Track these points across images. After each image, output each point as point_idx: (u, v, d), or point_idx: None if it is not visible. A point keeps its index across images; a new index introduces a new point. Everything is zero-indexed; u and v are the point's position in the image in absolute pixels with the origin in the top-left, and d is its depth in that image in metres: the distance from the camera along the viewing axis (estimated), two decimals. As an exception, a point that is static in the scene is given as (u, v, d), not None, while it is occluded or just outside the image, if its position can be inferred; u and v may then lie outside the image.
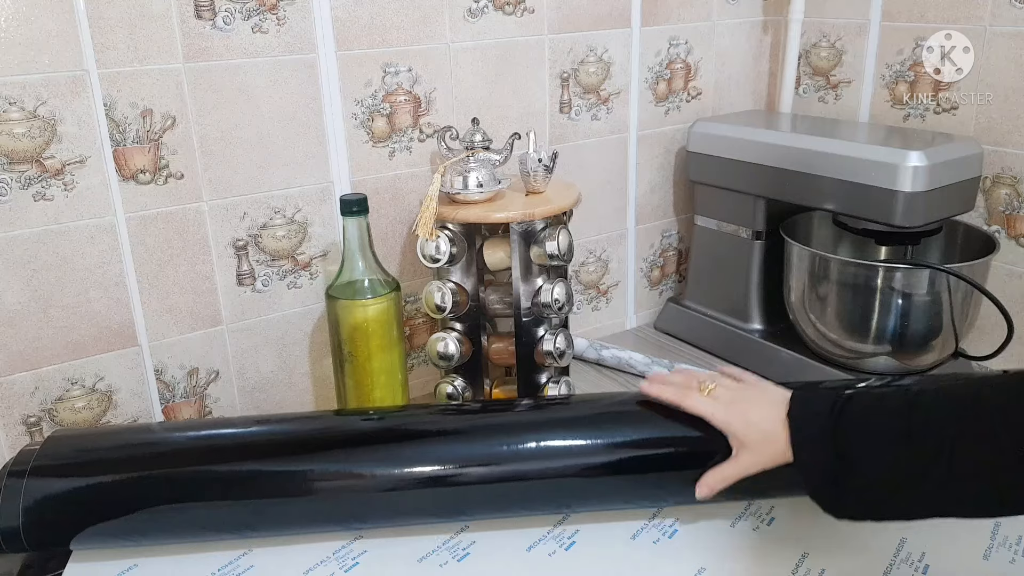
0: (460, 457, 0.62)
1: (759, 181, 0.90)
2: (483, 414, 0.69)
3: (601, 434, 0.63)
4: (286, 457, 0.62)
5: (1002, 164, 0.85)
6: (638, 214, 1.03)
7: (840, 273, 0.83)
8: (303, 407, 0.85)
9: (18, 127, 0.65)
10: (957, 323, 0.82)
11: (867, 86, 0.97)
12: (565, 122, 0.93)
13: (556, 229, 0.74)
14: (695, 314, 1.02)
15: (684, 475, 0.60)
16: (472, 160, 0.77)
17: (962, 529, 0.62)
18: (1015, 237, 0.86)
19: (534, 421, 0.66)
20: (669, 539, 0.64)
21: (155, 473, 0.60)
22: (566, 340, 0.78)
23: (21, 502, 0.58)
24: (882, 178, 0.77)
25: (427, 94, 0.83)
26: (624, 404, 0.66)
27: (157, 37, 0.68)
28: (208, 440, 0.64)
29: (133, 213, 0.71)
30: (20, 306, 0.69)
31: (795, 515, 0.65)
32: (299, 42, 0.75)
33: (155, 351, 0.76)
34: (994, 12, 0.83)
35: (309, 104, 0.77)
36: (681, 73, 1.00)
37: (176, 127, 0.71)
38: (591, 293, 1.03)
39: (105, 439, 0.65)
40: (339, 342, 0.75)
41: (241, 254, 0.77)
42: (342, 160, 0.80)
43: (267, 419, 0.68)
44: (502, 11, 0.85)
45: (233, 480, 0.60)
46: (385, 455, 0.62)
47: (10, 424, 0.71)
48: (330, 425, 0.68)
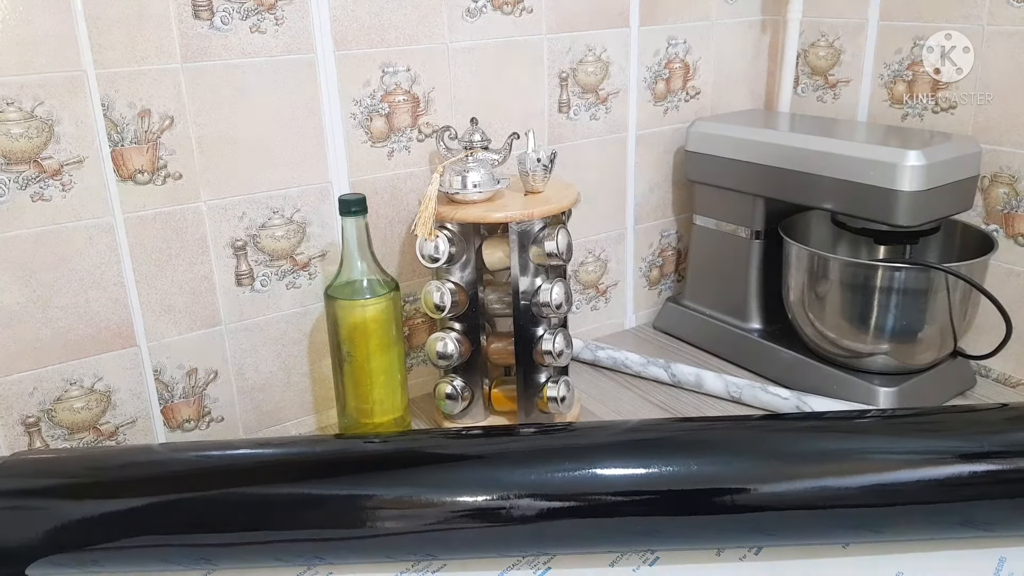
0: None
1: (758, 181, 0.90)
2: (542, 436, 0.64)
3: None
4: (262, 484, 0.59)
5: (1000, 163, 0.85)
6: (637, 214, 1.03)
7: (839, 272, 0.83)
8: (302, 407, 0.85)
9: (15, 127, 0.65)
10: (956, 322, 0.82)
11: (865, 85, 0.97)
12: (564, 122, 0.93)
13: (555, 229, 0.74)
14: (694, 314, 1.02)
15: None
16: (471, 160, 0.77)
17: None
18: (1013, 236, 0.86)
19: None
20: (755, 555, 0.62)
21: (118, 501, 0.58)
22: (565, 340, 0.78)
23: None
24: (881, 177, 0.77)
25: (426, 94, 0.83)
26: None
27: (155, 37, 0.68)
28: (176, 466, 0.61)
29: (131, 213, 0.71)
30: (18, 306, 0.69)
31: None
32: (297, 42, 0.75)
33: (154, 351, 0.76)
34: (992, 11, 0.83)
35: (307, 104, 0.77)
36: (680, 73, 1.00)
37: (174, 127, 0.71)
38: (590, 293, 1.03)
39: (66, 463, 0.63)
40: (338, 342, 0.75)
41: (240, 254, 0.77)
42: (341, 160, 0.80)
43: (235, 444, 0.66)
44: (500, 11, 0.85)
45: (198, 509, 0.58)
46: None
47: (9, 425, 0.71)
48: (301, 451, 0.64)
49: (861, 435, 0.62)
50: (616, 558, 0.62)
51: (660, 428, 0.65)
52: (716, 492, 0.58)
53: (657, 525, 0.58)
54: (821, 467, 0.59)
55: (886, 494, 0.57)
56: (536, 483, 0.58)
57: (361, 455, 0.63)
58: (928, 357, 0.84)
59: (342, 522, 0.58)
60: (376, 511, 0.58)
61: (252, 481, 0.60)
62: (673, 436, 0.62)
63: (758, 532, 0.59)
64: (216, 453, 0.64)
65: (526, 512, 0.57)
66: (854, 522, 0.58)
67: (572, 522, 0.58)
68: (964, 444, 0.60)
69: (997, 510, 0.59)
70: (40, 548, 0.57)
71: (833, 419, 0.68)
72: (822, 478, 0.58)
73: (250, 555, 0.60)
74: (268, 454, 0.63)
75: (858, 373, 0.84)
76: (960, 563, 0.60)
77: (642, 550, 0.62)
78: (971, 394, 0.87)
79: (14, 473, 0.61)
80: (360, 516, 0.58)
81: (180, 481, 0.60)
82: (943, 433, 0.61)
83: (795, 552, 0.62)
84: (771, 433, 0.63)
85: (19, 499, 0.59)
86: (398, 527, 0.58)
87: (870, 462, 0.59)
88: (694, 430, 0.64)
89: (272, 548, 0.59)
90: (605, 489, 0.58)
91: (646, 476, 0.58)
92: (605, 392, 0.91)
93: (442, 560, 0.63)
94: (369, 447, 0.65)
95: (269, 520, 0.58)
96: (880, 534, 0.60)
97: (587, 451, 0.60)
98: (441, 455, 0.62)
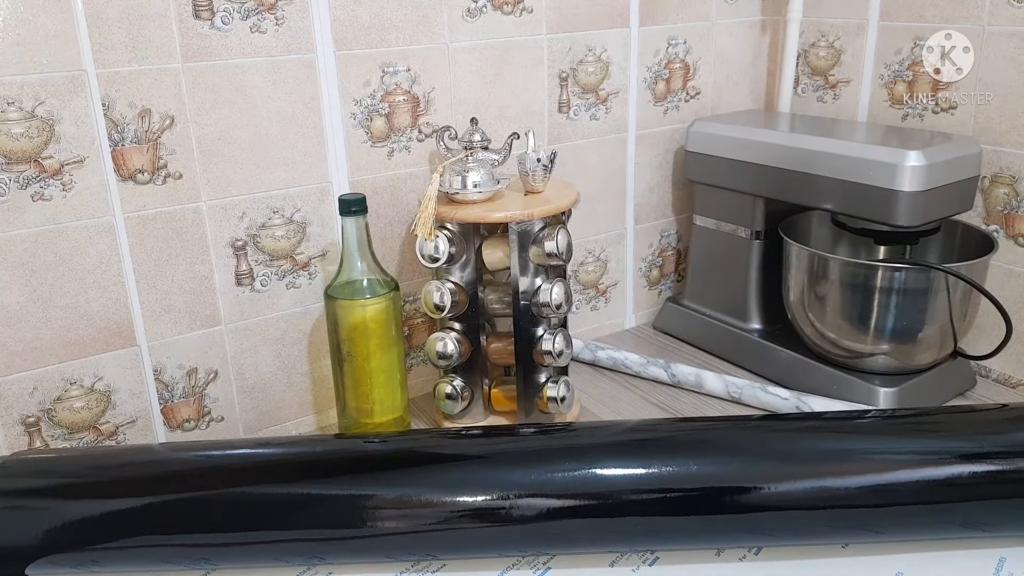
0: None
1: (758, 181, 0.90)
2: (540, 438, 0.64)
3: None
4: (267, 483, 0.59)
5: (1000, 164, 0.85)
6: (637, 214, 1.03)
7: (839, 273, 0.83)
8: (302, 407, 0.85)
9: (16, 127, 0.65)
10: (956, 322, 0.82)
11: (866, 86, 0.97)
12: (564, 122, 0.93)
13: (555, 229, 0.74)
14: (694, 314, 1.02)
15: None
16: (471, 160, 0.77)
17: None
18: (1014, 237, 0.86)
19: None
20: (755, 555, 0.62)
21: (118, 501, 0.58)
22: (565, 340, 0.78)
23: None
24: (881, 178, 0.77)
25: (426, 94, 0.83)
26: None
27: (155, 37, 0.68)
28: (176, 466, 0.61)
29: (132, 213, 0.71)
30: (18, 306, 0.69)
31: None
32: (298, 42, 0.75)
33: (154, 351, 0.76)
34: (992, 11, 0.83)
35: (308, 104, 0.77)
36: (680, 73, 1.00)
37: (174, 127, 0.71)
38: (590, 293, 1.03)
39: (66, 463, 0.63)
40: (338, 342, 0.75)
41: (240, 254, 0.77)
42: (341, 160, 0.80)
43: (235, 444, 0.66)
44: (500, 11, 0.85)
45: (198, 509, 0.58)
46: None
47: (8, 424, 0.71)
48: (299, 451, 0.64)
49: (861, 435, 0.62)
50: (616, 558, 0.62)
51: (660, 428, 0.65)
52: (716, 492, 0.58)
53: (657, 525, 0.58)
54: (821, 467, 0.59)
55: (886, 494, 0.57)
56: (536, 483, 0.58)
57: (361, 455, 0.63)
58: (928, 357, 0.84)
59: (342, 522, 0.58)
60: (376, 511, 0.58)
61: (252, 481, 0.60)
62: (673, 436, 0.62)
63: (758, 532, 0.59)
64: (216, 453, 0.64)
65: (526, 512, 0.57)
66: (854, 522, 0.58)
67: (572, 522, 0.58)
68: (964, 444, 0.59)
69: (997, 510, 0.59)
70: (40, 548, 0.57)
71: (833, 419, 0.68)
72: (822, 478, 0.58)
73: (250, 555, 0.60)
74: (268, 454, 0.63)
75: (858, 373, 0.84)
76: (960, 563, 0.60)
77: (642, 550, 0.62)
78: (971, 394, 0.87)
79: (14, 473, 0.61)
80: (360, 516, 0.58)
81: (180, 481, 0.60)
82: (943, 433, 0.61)
83: (795, 552, 0.62)
84: (771, 433, 0.63)
85: (19, 499, 0.59)
86: (398, 527, 0.58)
87: (870, 462, 0.59)
88: (694, 430, 0.64)
89: (272, 548, 0.59)
90: (605, 489, 0.58)
91: (646, 476, 0.58)
92: (605, 392, 0.91)
93: (442, 560, 0.63)
94: (369, 447, 0.65)
95: (269, 520, 0.58)
96: (880, 534, 0.60)
97: (587, 451, 0.60)
98: (441, 455, 0.62)
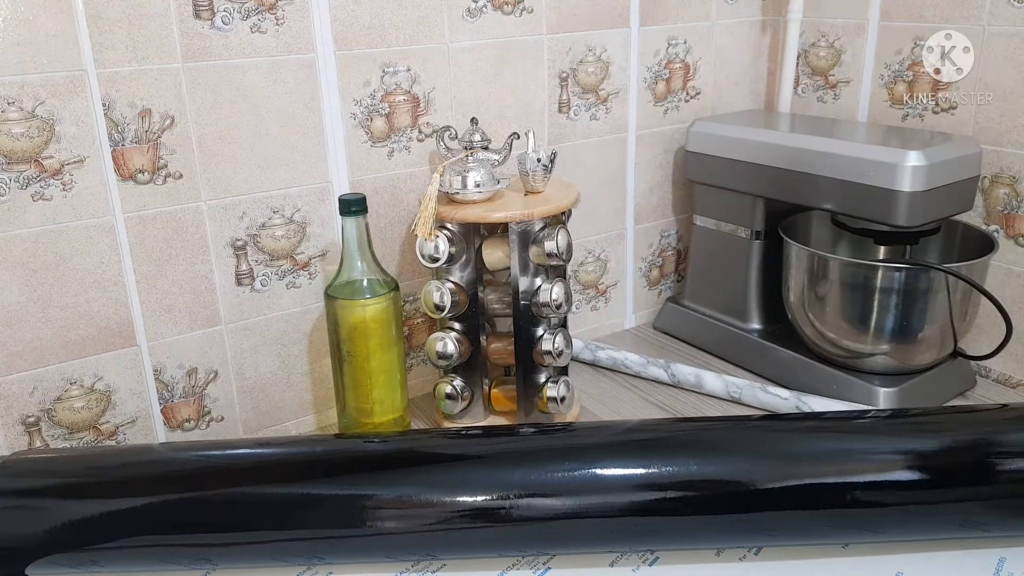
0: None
1: (758, 181, 0.90)
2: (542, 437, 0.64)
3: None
4: (266, 484, 0.59)
5: (1000, 164, 0.85)
6: (637, 214, 1.03)
7: (839, 273, 0.83)
8: (302, 407, 0.85)
9: (16, 127, 0.65)
10: (956, 323, 0.82)
11: (866, 86, 0.97)
12: (564, 122, 0.93)
13: (555, 229, 0.74)
14: (694, 314, 1.02)
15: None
16: (471, 160, 0.77)
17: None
18: (1014, 237, 0.86)
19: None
20: (755, 555, 0.62)
21: (118, 501, 0.58)
22: (565, 340, 0.78)
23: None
24: (881, 178, 0.77)
25: (426, 94, 0.83)
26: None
27: (156, 37, 0.68)
28: (176, 466, 0.61)
29: (132, 213, 0.71)
30: (19, 306, 0.69)
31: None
32: (298, 42, 0.75)
33: (154, 351, 0.76)
34: (992, 12, 0.83)
35: (308, 104, 0.77)
36: (680, 73, 1.00)
37: (175, 127, 0.71)
38: (590, 293, 1.03)
39: (66, 463, 0.63)
40: (338, 342, 0.75)
41: (240, 254, 0.77)
42: (341, 160, 0.80)
43: (235, 444, 0.66)
44: (501, 11, 0.85)
45: (198, 509, 0.58)
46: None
47: (8, 424, 0.71)
48: (299, 452, 0.64)
49: (861, 435, 0.62)
50: (616, 558, 0.62)
51: (660, 428, 0.65)
52: (716, 492, 0.58)
53: (657, 525, 0.58)
54: (821, 467, 0.59)
55: (886, 494, 0.57)
56: (536, 483, 0.58)
57: (361, 455, 0.63)
58: (928, 357, 0.84)
59: (342, 522, 0.58)
60: (376, 511, 0.58)
61: (252, 481, 0.60)
62: (673, 436, 0.62)
63: (758, 532, 0.59)
64: (216, 453, 0.64)
65: (526, 512, 0.57)
66: (854, 522, 0.58)
67: (572, 522, 0.58)
68: (964, 444, 0.60)
69: (997, 510, 0.59)
70: (40, 548, 0.58)
71: (833, 419, 0.68)
72: (822, 478, 0.58)
73: (250, 555, 0.60)
74: (268, 454, 0.63)
75: (858, 373, 0.84)
76: (960, 563, 0.60)
77: (642, 550, 0.62)
78: (971, 394, 0.87)
79: (14, 473, 0.61)
80: (360, 516, 0.58)
81: (180, 481, 0.60)
82: (943, 433, 0.61)
83: (795, 552, 0.62)
84: (771, 433, 0.63)
85: (19, 499, 0.59)
86: (398, 527, 0.58)
87: (870, 462, 0.59)
88: (694, 430, 0.64)
89: (272, 548, 0.59)
90: (605, 489, 0.58)
91: (646, 476, 0.58)
92: (605, 392, 0.91)
93: (442, 560, 0.63)
94: (369, 447, 0.65)
95: (269, 520, 0.58)
96: (880, 534, 0.60)
97: (587, 451, 0.60)
98: (441, 455, 0.62)
